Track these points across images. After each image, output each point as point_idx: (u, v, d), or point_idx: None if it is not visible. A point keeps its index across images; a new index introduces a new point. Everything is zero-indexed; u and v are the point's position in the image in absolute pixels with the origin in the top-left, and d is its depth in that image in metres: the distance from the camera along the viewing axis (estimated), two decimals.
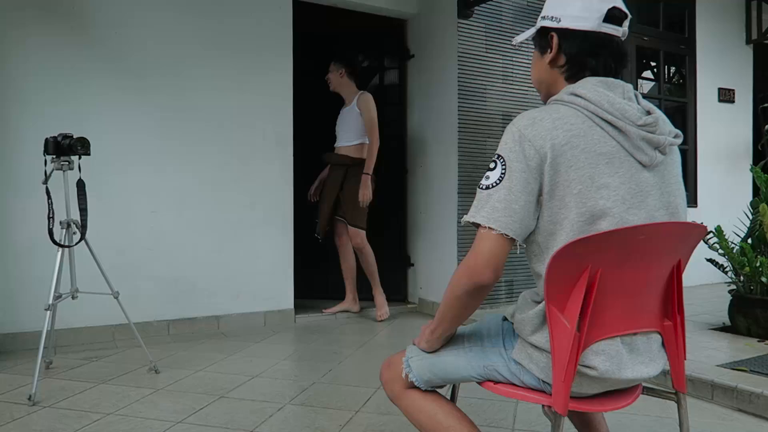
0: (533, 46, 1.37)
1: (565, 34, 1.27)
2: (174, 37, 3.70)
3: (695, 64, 5.63)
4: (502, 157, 1.18)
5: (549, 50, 1.30)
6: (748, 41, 5.95)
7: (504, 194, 1.15)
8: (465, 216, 1.20)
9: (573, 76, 1.28)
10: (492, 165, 1.19)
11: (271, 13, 4.01)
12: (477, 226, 1.18)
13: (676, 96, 5.84)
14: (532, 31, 1.36)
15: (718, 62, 5.78)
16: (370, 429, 2.18)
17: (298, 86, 4.31)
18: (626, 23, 1.27)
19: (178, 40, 3.71)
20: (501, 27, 4.34)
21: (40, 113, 3.34)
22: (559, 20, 1.27)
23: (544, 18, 1.31)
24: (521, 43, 1.41)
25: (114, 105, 3.54)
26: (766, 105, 4.61)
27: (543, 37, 1.32)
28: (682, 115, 5.67)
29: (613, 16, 1.24)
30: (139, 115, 3.61)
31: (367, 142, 4.11)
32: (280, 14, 4.04)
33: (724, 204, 5.73)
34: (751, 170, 3.46)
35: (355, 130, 4.09)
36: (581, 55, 1.26)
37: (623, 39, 1.28)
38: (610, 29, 1.25)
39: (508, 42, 4.36)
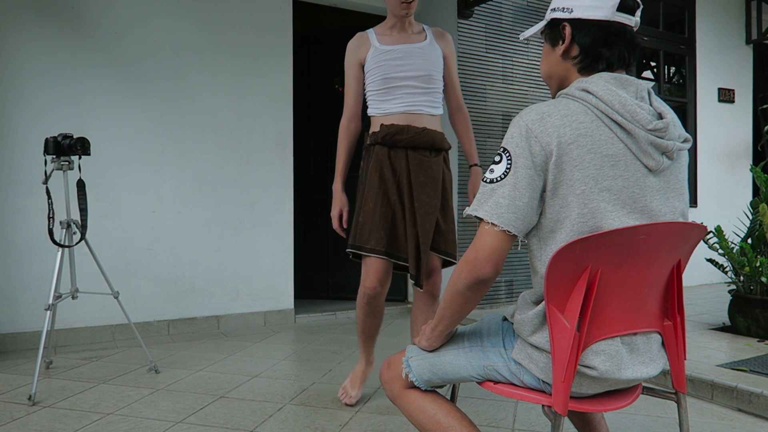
0: (541, 42, 1.35)
1: (578, 24, 1.24)
2: (174, 37, 3.71)
3: (695, 64, 5.63)
4: (508, 151, 1.16)
5: (561, 41, 1.28)
6: (748, 41, 5.95)
7: (509, 190, 1.14)
8: (467, 208, 1.20)
9: (587, 68, 1.26)
10: (497, 158, 1.18)
11: (271, 14, 4.01)
12: (479, 219, 1.17)
13: (676, 96, 5.84)
14: (541, 24, 1.33)
15: (718, 62, 5.78)
16: (370, 429, 2.18)
17: (298, 86, 4.31)
18: (638, 12, 1.26)
19: (178, 41, 3.72)
20: (501, 27, 4.34)
21: (40, 113, 3.35)
22: (571, 10, 1.25)
23: (554, 10, 1.29)
24: (528, 38, 1.38)
25: (114, 105, 3.54)
26: (766, 105, 4.60)
27: (554, 28, 1.29)
28: (683, 115, 5.67)
29: (626, 5, 1.23)
30: (139, 116, 3.61)
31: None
32: (280, 14, 4.04)
33: (724, 204, 5.74)
34: (751, 170, 3.46)
35: (439, 86, 2.36)
36: (595, 45, 1.24)
37: (636, 29, 1.26)
38: (624, 18, 1.23)
39: (508, 42, 4.36)
